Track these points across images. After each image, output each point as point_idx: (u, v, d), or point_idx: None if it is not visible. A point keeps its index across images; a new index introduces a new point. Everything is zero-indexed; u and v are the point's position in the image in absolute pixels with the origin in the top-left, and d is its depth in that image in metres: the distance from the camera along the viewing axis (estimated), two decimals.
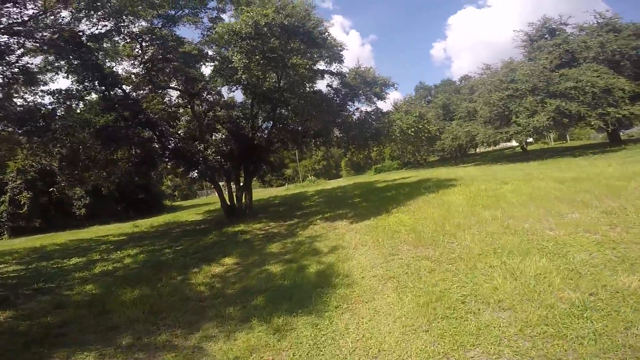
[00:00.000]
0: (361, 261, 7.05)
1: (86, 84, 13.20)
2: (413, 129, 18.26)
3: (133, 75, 14.78)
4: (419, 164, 42.97)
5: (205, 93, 16.01)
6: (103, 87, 13.69)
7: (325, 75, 13.38)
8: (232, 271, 8.02)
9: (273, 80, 13.77)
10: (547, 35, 29.80)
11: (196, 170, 15.75)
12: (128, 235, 17.05)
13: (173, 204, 41.53)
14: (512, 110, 25.63)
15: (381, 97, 15.56)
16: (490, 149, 57.68)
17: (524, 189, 11.26)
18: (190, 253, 10.42)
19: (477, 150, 57.06)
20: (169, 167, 17.14)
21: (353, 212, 12.21)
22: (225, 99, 17.58)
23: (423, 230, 8.18)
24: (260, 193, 40.13)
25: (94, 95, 14.08)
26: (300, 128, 15.32)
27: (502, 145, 52.33)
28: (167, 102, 16.94)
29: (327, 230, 10.32)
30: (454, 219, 8.62)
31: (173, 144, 15.97)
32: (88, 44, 12.53)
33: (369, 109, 15.75)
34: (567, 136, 53.14)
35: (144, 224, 21.23)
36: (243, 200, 18.16)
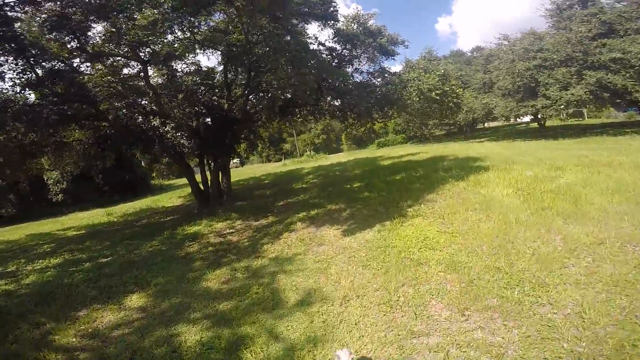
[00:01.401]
0: (354, 348, 3.28)
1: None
2: (438, 92, 13.31)
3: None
4: (425, 138, 38.58)
5: (162, 59, 11.70)
6: (24, 61, 9.57)
7: (309, 20, 8.97)
8: (119, 329, 4.33)
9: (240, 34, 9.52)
10: (576, 6, 24.82)
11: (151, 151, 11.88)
12: (90, 228, 13.59)
13: (165, 182, 37.90)
14: (540, 82, 21.18)
15: (389, 53, 11.21)
16: (501, 123, 52.82)
17: (602, 181, 7.30)
18: (105, 274, 6.76)
19: (486, 124, 52.28)
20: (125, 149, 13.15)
21: (350, 209, 8.33)
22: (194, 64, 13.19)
23: (472, 267, 4.33)
24: (255, 169, 36.29)
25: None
26: (282, 95, 11.14)
27: (512, 120, 47.46)
28: (124, 74, 12.42)
29: (306, 245, 6.50)
30: (525, 242, 4.75)
31: (126, 122, 11.93)
32: None
33: (370, 69, 11.52)
34: (585, 113, 47.93)
35: (119, 211, 17.69)
36: (221, 184, 14.37)
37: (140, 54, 11.04)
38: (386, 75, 10.88)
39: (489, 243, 4.93)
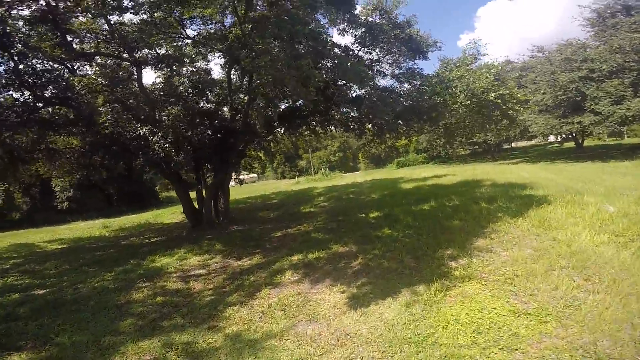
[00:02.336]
0: None
1: None
2: (497, 95, 9.62)
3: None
4: (449, 158, 35.60)
5: (156, 60, 9.89)
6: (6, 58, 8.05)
7: (317, 7, 6.71)
8: None
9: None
10: (619, 14, 22.00)
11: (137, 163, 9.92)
12: (74, 242, 11.90)
13: (175, 195, 36.50)
14: (587, 96, 18.27)
15: (420, 51, 8.84)
16: (529, 143, 48.96)
17: None
18: (15, 315, 4.63)
19: (513, 144, 48.62)
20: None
21: (363, 254, 5.83)
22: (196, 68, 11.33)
23: None
24: (268, 186, 34.34)
25: None
26: (280, 99, 8.98)
27: (540, 140, 43.59)
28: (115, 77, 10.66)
29: (289, 318, 4.03)
30: None
31: (111, 130, 10.11)
32: None
33: (396, 71, 9.09)
34: (625, 132, 43.66)
35: (117, 224, 15.91)
36: (218, 203, 12.25)
37: (135, 54, 9.34)
38: (417, 78, 8.46)
39: (613, 337, 2.38)
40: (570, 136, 24.63)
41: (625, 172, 12.44)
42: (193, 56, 10.49)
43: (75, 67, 9.68)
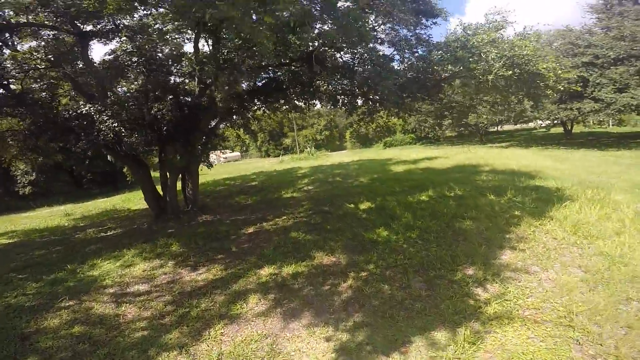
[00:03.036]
0: None
1: None
2: (548, 67, 7.66)
3: None
4: (436, 139, 34.42)
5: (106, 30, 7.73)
6: None
7: None
8: None
9: None
10: (624, 0, 20.74)
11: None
12: (24, 236, 10.13)
13: (156, 175, 33.95)
14: (589, 82, 17.14)
15: (429, 14, 7.08)
16: (512, 127, 48.32)
17: None
18: None
19: (498, 128, 47.81)
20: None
21: (355, 270, 4.38)
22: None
23: None
24: (251, 165, 32.42)
25: None
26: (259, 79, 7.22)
27: (518, 125, 42.88)
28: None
29: None
30: None
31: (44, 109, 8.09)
32: None
33: (401, 33, 7.36)
34: (610, 122, 43.45)
35: (80, 211, 13.95)
36: (187, 190, 10.55)
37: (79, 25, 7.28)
38: (424, 45, 6.73)
39: None
40: (559, 122, 23.68)
41: (630, 164, 11.45)
42: (154, 26, 8.42)
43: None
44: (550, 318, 2.98)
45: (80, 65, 8.27)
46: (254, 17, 4.42)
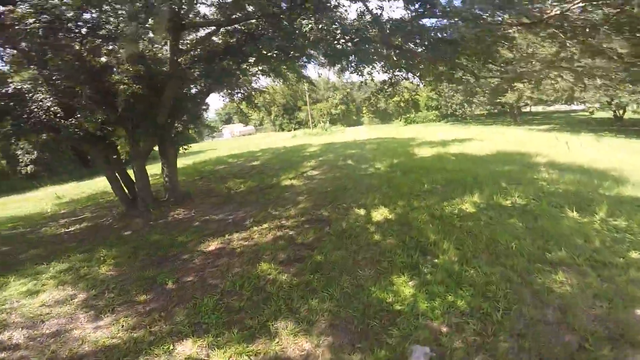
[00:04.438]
0: None
1: None
2: None
3: None
4: (463, 118, 30.67)
5: None
6: None
7: None
8: None
9: None
10: None
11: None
12: None
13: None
14: None
15: None
16: (546, 109, 42.70)
17: None
18: None
19: (530, 108, 42.43)
20: None
21: None
22: None
23: None
24: (262, 140, 30.10)
25: None
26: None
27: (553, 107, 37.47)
28: None
29: None
30: None
31: None
32: None
33: None
34: None
35: (73, 193, 12.32)
36: (164, 178, 8.44)
37: None
38: None
39: None
40: (612, 107, 19.69)
41: None
42: None
43: None
44: None
45: None
46: None
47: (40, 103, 5.62)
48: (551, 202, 5.10)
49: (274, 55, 4.42)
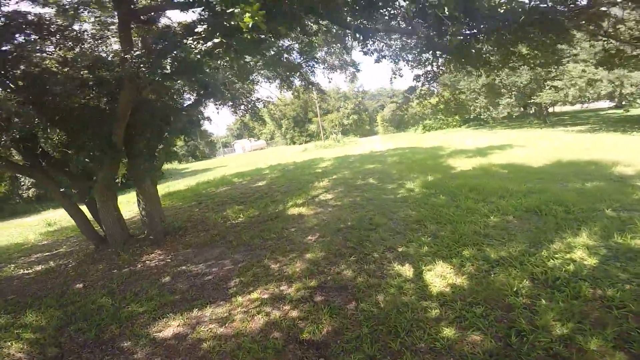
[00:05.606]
0: None
1: None
2: None
3: None
4: (485, 122, 28.04)
5: None
6: None
7: None
8: None
9: None
10: None
11: None
12: None
13: (178, 167, 30.84)
14: None
15: None
16: (568, 108, 39.17)
17: None
18: None
19: (556, 109, 38.98)
20: None
21: None
22: None
23: None
24: (273, 155, 28.47)
25: None
26: None
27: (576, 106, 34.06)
28: None
29: None
30: None
31: None
32: None
33: None
34: None
35: (69, 218, 10.80)
36: (141, 211, 6.64)
37: None
38: None
39: None
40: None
41: None
42: None
43: None
44: None
45: None
46: None
47: None
48: None
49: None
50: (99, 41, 4.79)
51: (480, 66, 5.50)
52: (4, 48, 3.82)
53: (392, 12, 3.39)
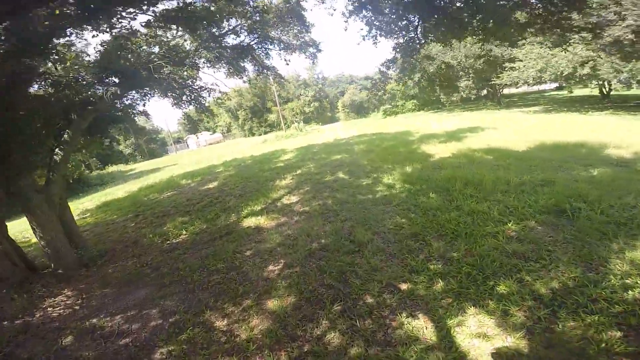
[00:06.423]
0: None
1: None
2: None
3: None
4: (442, 105, 28.16)
5: None
6: None
7: None
8: None
9: None
10: None
11: None
12: None
13: (122, 169, 26.98)
14: None
15: None
16: (514, 90, 41.13)
17: None
18: None
19: (503, 91, 40.71)
20: None
21: None
22: None
23: None
24: (229, 149, 26.15)
25: None
26: None
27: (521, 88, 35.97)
28: None
29: None
30: None
31: None
32: None
33: None
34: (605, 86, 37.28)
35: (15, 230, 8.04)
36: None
37: None
38: None
39: None
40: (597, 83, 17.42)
41: None
42: None
43: None
44: None
45: None
46: None
47: None
48: None
49: None
50: None
51: (468, 34, 4.39)
52: None
53: None
